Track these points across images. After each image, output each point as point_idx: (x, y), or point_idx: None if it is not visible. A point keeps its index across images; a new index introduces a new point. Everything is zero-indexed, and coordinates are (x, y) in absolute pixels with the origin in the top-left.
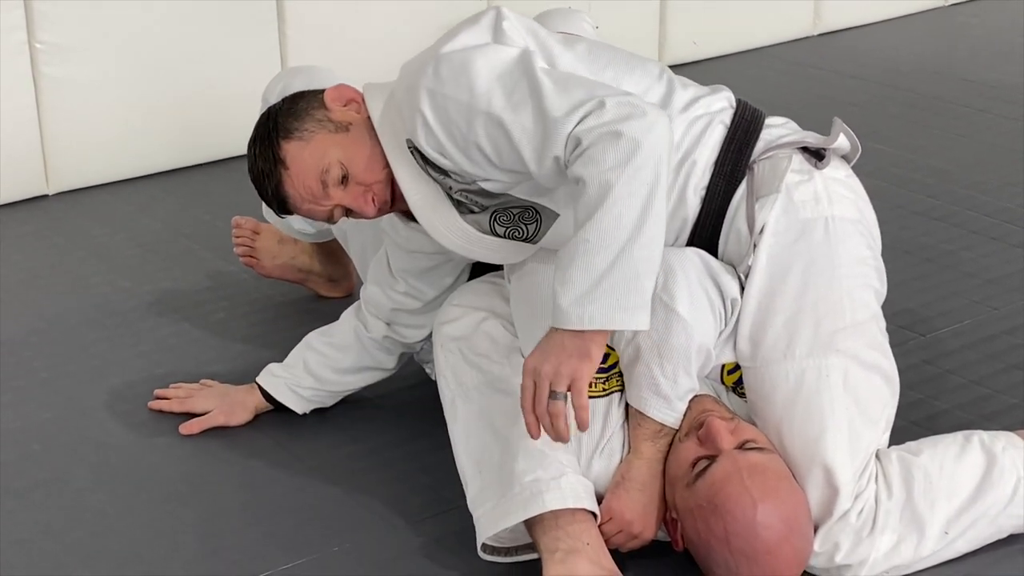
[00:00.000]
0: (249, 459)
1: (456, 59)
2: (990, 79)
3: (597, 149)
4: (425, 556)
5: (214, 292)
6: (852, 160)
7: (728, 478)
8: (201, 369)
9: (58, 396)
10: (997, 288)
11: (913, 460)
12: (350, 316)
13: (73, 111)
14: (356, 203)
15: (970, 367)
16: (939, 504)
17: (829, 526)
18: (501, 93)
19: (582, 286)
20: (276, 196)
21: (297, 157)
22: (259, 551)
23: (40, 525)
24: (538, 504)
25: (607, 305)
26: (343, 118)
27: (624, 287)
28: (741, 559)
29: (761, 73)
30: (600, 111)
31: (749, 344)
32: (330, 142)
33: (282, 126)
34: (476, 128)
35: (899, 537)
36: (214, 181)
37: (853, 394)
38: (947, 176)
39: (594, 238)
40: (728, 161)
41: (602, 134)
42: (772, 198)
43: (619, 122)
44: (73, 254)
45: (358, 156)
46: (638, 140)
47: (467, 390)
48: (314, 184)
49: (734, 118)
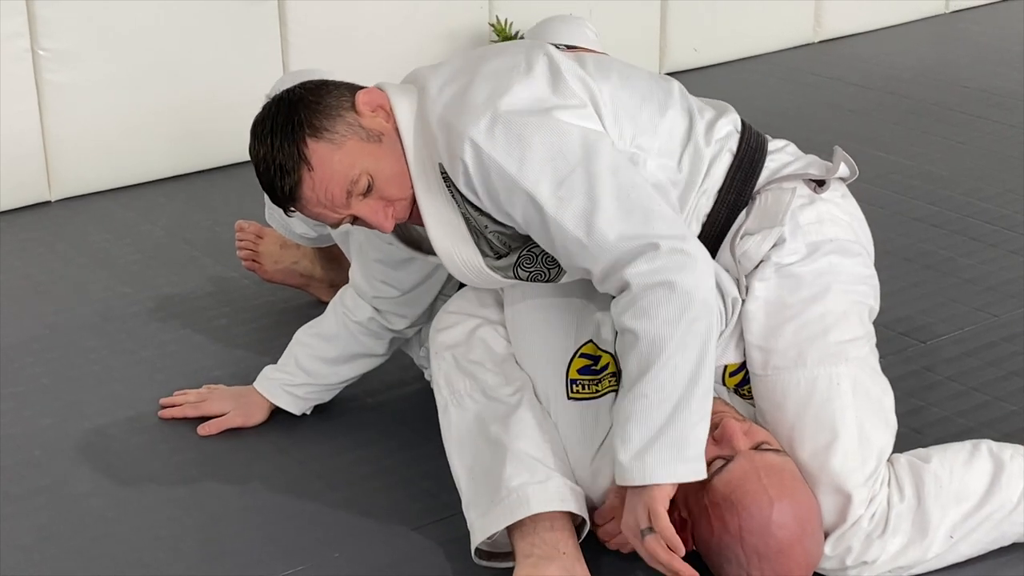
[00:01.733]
0: (250, 464)
1: (515, 125)
2: (990, 86)
3: (650, 301)
4: (425, 562)
5: (215, 298)
6: (848, 181)
7: (746, 476)
8: (202, 375)
9: (59, 402)
10: (997, 295)
11: (924, 466)
12: (335, 304)
13: (75, 117)
14: (376, 217)
15: (970, 374)
16: (949, 508)
17: (842, 531)
18: (551, 180)
19: (640, 441)
20: (290, 194)
21: (326, 160)
22: (260, 556)
23: (41, 530)
24: (524, 508)
25: (667, 459)
26: (375, 126)
27: (682, 441)
28: (754, 557)
29: (762, 80)
30: (653, 255)
31: (760, 353)
32: (362, 151)
33: (309, 122)
34: (515, 201)
35: (908, 540)
36: (216, 187)
37: (863, 401)
38: (947, 183)
39: (651, 393)
40: (733, 190)
41: (654, 284)
42: (776, 231)
43: (672, 271)
44: (75, 260)
45: (387, 170)
46: (691, 293)
47: (460, 397)
48: (338, 192)
49: (740, 145)
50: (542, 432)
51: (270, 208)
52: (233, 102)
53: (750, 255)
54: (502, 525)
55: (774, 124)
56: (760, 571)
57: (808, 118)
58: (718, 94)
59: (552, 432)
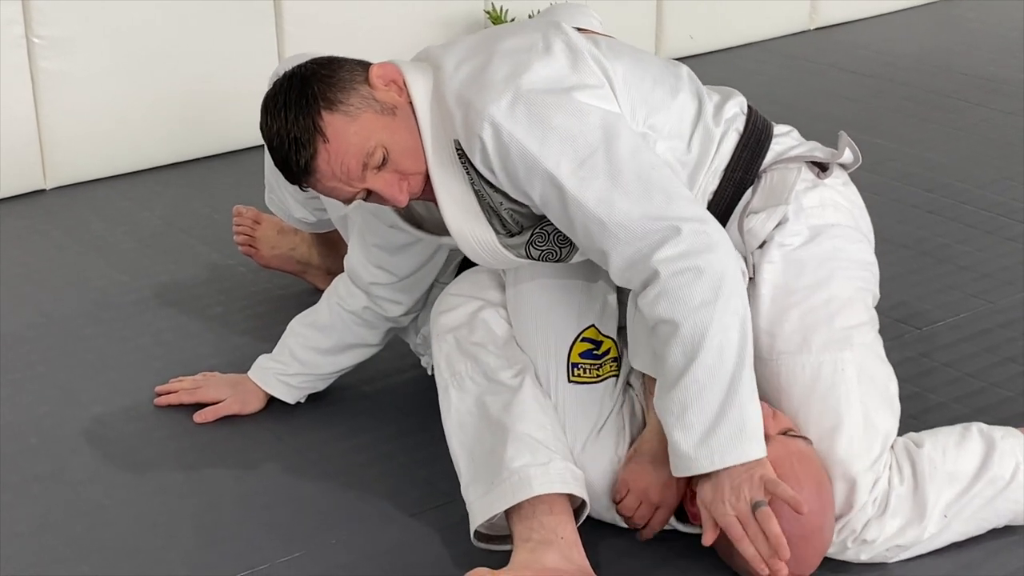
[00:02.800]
0: (247, 452)
1: (536, 104)
2: (987, 73)
3: (681, 287)
4: (422, 548)
5: (212, 286)
6: (851, 168)
7: (780, 461)
8: (199, 362)
9: (56, 390)
10: (993, 282)
11: (918, 450)
12: (329, 294)
13: (71, 105)
14: (390, 190)
15: (966, 360)
16: (943, 489)
17: (848, 517)
18: (572, 159)
19: (702, 427)
20: (305, 167)
21: (342, 132)
22: (257, 543)
23: (38, 518)
24: (526, 489)
25: (733, 440)
26: (388, 99)
27: (743, 419)
28: None
29: (758, 67)
30: (676, 239)
31: (766, 337)
32: (377, 124)
33: (324, 95)
34: (534, 180)
35: (906, 521)
36: (212, 175)
37: (868, 387)
38: (943, 170)
39: (704, 377)
40: (739, 168)
41: (682, 269)
42: (781, 209)
43: (698, 255)
44: (71, 248)
45: (402, 143)
46: (720, 272)
47: (461, 379)
48: (354, 164)
49: (747, 125)
50: (544, 414)
51: (270, 191)
52: (229, 90)
53: (755, 233)
54: (504, 506)
55: (771, 111)
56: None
57: (804, 105)
58: (714, 81)
59: (553, 415)
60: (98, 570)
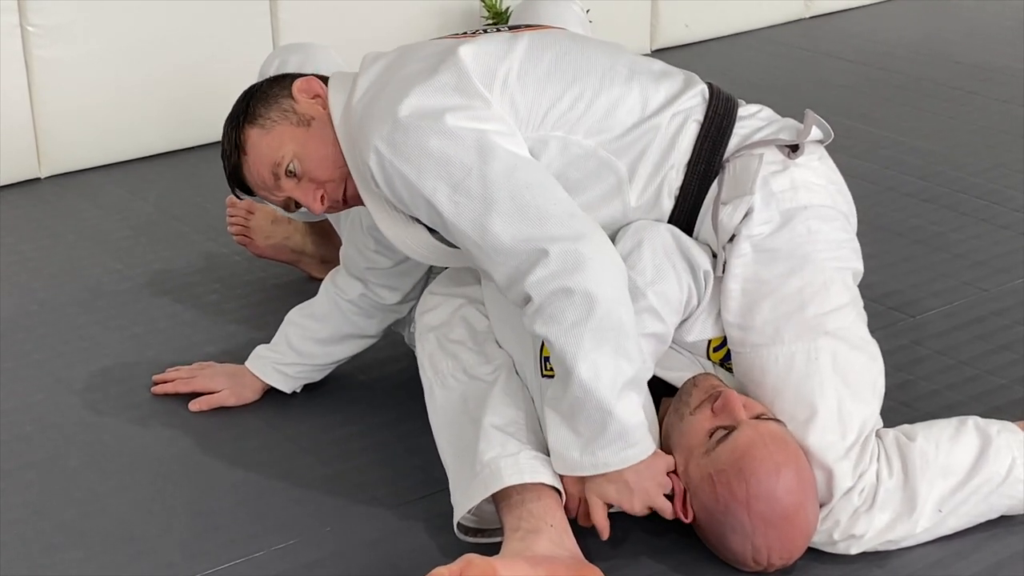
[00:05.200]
0: (241, 440)
1: (412, 131)
2: (981, 61)
3: (554, 308)
4: (416, 536)
5: (206, 274)
6: (826, 143)
7: (752, 444)
8: (193, 351)
9: (50, 377)
10: (986, 269)
11: (909, 444)
12: (327, 284)
13: (65, 94)
14: (306, 199)
15: (959, 348)
16: (936, 483)
17: (831, 506)
18: (447, 184)
19: (586, 438)
20: (235, 178)
21: (256, 144)
22: (251, 531)
23: (32, 505)
24: (497, 481)
25: (616, 449)
26: (307, 111)
27: (624, 432)
28: (760, 524)
29: (753, 56)
30: (544, 262)
31: (738, 331)
32: (288, 135)
33: (251, 110)
34: (418, 205)
35: (896, 515)
36: (206, 163)
37: (842, 375)
38: (937, 158)
39: (581, 394)
40: (702, 160)
41: (553, 291)
42: (746, 200)
43: (566, 275)
44: (65, 237)
45: (313, 153)
46: (590, 291)
47: (444, 377)
48: (267, 174)
49: (707, 113)
50: (515, 409)
51: None
52: (224, 78)
53: (724, 226)
54: (478, 499)
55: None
56: (765, 538)
57: (799, 94)
58: (709, 70)
59: (528, 407)
60: (92, 557)
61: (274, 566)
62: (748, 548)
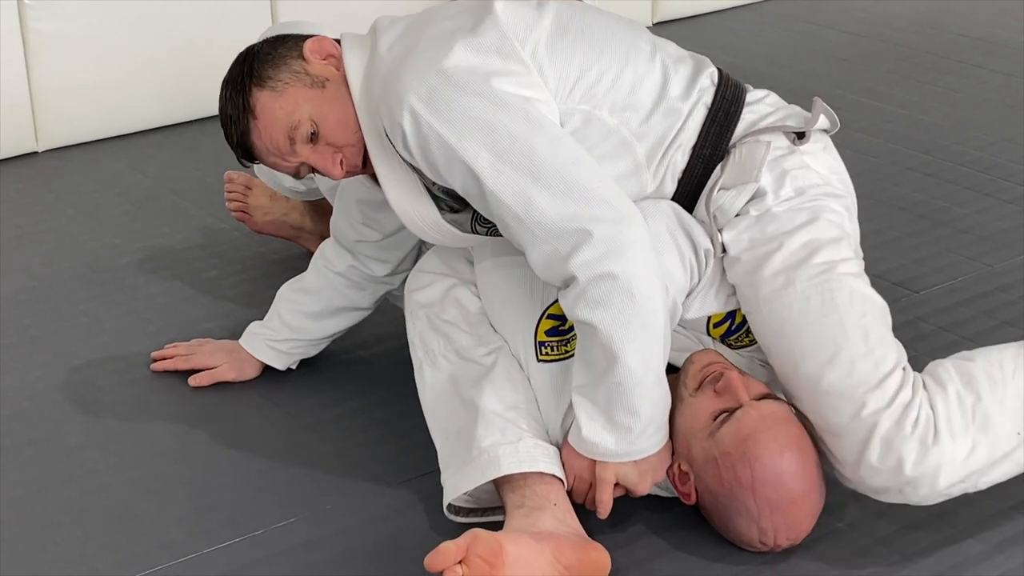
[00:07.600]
0: (241, 417)
1: (456, 93)
2: (985, 35)
3: (599, 292)
4: (416, 513)
5: (205, 249)
6: (831, 132)
7: (756, 426)
8: (192, 326)
9: (48, 354)
10: (991, 244)
11: (969, 364)
12: (317, 257)
13: (63, 67)
14: (323, 164)
15: (964, 324)
16: (1007, 402)
17: (880, 434)
18: (491, 151)
19: (625, 425)
20: (242, 144)
21: (268, 108)
22: (251, 508)
23: (31, 482)
24: (495, 468)
25: (650, 433)
26: (321, 72)
27: (659, 417)
28: (765, 507)
29: (756, 29)
30: (590, 243)
31: (749, 289)
32: (304, 97)
33: (257, 72)
34: (454, 171)
35: (973, 441)
36: (205, 137)
37: (861, 309)
38: (941, 132)
39: (625, 380)
40: (708, 144)
41: (599, 275)
42: (750, 187)
43: (611, 259)
44: (63, 211)
45: (331, 116)
46: (634, 277)
47: (435, 357)
48: (281, 139)
49: (715, 98)
50: (515, 393)
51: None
52: (222, 52)
53: (725, 210)
54: (473, 484)
55: (768, 73)
56: (771, 521)
57: (802, 67)
58: (711, 43)
59: (527, 392)
60: (92, 535)
61: (275, 544)
62: (754, 530)
